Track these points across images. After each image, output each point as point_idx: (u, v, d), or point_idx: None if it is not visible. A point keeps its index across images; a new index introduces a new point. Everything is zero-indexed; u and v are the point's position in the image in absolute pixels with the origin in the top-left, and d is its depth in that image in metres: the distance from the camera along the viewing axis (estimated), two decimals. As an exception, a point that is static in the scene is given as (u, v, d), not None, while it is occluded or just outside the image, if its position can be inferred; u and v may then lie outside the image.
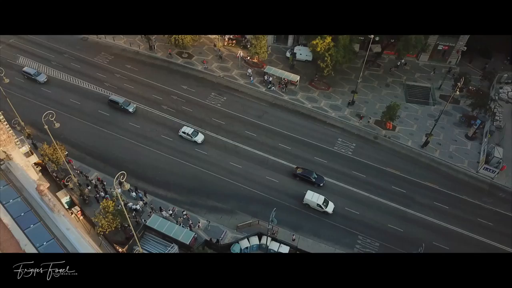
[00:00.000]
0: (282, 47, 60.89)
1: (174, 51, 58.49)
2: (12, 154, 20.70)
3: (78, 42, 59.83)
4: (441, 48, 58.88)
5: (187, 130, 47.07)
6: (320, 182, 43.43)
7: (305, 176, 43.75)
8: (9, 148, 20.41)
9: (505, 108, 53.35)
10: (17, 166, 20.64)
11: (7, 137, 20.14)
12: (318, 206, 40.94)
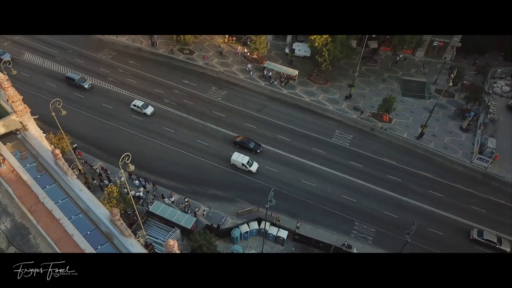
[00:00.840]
0: (281, 43, 63.10)
1: (176, 48, 60.67)
2: (28, 125, 22.70)
3: (81, 39, 62.00)
4: (437, 44, 61.11)
5: (138, 103, 50.94)
6: (257, 149, 47.44)
7: (244, 143, 47.59)
8: (25, 118, 22.39)
9: (498, 102, 55.46)
10: (32, 136, 22.59)
11: (23, 108, 22.14)
12: (243, 165, 44.98)
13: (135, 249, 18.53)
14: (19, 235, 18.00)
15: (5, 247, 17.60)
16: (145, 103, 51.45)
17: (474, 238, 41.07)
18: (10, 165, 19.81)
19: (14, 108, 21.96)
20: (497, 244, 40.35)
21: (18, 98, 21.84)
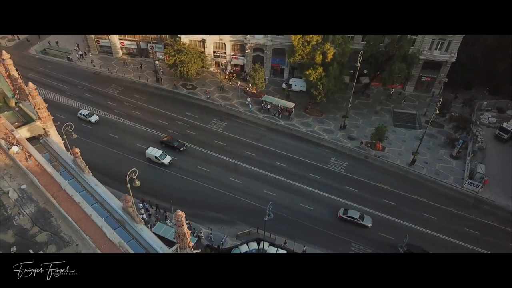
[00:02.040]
0: (278, 79, 67.84)
1: (179, 83, 65.27)
2: (50, 131, 25.63)
3: (91, 76, 66.81)
4: (425, 79, 65.83)
5: (84, 112, 56.53)
6: (180, 147, 52.98)
7: (169, 142, 53.40)
8: (47, 125, 25.38)
9: (486, 131, 58.97)
10: (53, 141, 25.47)
11: (47, 115, 25.21)
12: (156, 158, 50.36)
13: (145, 234, 20.75)
14: (42, 217, 20.38)
15: (30, 227, 19.88)
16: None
17: (340, 216, 45.71)
18: (35, 160, 22.55)
19: (39, 114, 25.10)
20: (359, 220, 45.05)
21: (43, 106, 25.08)
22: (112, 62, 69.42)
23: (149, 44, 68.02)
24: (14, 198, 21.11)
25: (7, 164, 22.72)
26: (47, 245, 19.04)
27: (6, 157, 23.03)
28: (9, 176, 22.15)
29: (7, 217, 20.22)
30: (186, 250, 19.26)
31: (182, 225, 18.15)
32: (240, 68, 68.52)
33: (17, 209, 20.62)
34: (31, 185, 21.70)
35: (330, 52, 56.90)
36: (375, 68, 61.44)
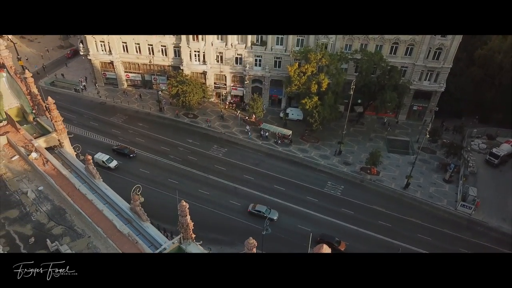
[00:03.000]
0: (276, 109, 71.27)
1: (181, 112, 68.59)
2: (64, 142, 28.11)
3: (96, 106, 70.31)
4: (416, 108, 69.27)
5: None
6: (130, 154, 58.48)
7: (120, 150, 58.74)
8: (62, 136, 27.90)
9: (477, 157, 61.50)
10: (67, 151, 27.90)
11: (62, 127, 27.80)
12: (103, 162, 54.76)
13: (151, 230, 22.75)
14: (57, 214, 22.47)
15: (46, 222, 21.91)
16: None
17: (249, 211, 50.44)
18: (52, 165, 24.92)
19: (55, 126, 27.75)
20: (264, 214, 48.75)
21: (59, 119, 27.79)
22: (117, 93, 73.23)
23: (153, 76, 72.06)
24: (32, 198, 23.30)
25: (25, 169, 25.07)
26: (62, 237, 20.99)
27: (25, 163, 25.41)
28: (27, 179, 24.43)
29: (25, 213, 22.31)
30: (189, 241, 21.14)
31: (186, 215, 20.18)
32: (240, 98, 72.22)
33: (35, 207, 22.75)
34: (48, 186, 23.92)
35: (325, 82, 60.58)
36: (368, 97, 65.00)
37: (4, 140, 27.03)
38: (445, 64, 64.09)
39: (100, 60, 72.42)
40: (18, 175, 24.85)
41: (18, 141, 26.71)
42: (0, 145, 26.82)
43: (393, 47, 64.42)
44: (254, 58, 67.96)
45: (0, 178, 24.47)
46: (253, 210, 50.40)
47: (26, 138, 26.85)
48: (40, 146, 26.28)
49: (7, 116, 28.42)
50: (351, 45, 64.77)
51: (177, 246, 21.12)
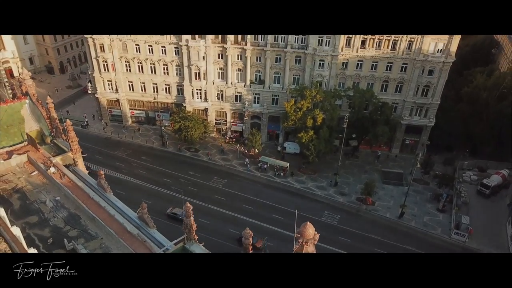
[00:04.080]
0: (274, 143, 74.69)
1: (183, 147, 71.89)
2: (78, 161, 30.95)
3: (102, 141, 73.77)
4: (408, 142, 72.70)
5: None
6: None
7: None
8: (77, 155, 30.81)
9: (469, 188, 64.01)
10: (80, 170, 30.70)
11: (77, 147, 30.78)
12: None
13: (157, 236, 25.13)
14: (73, 219, 24.93)
15: (63, 226, 24.32)
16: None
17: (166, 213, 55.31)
18: (68, 178, 27.68)
19: (71, 146, 30.80)
20: (180, 216, 48.73)
21: (75, 140, 30.92)
22: (122, 129, 76.87)
23: (157, 113, 76.18)
24: (50, 206, 25.84)
25: (44, 182, 27.79)
26: (77, 239, 23.29)
27: (43, 177, 28.19)
28: (46, 191, 27.09)
29: (44, 219, 24.76)
30: (192, 242, 23.40)
31: (190, 216, 22.61)
32: (239, 133, 75.88)
33: (52, 213, 25.25)
34: (64, 197, 26.53)
35: (320, 117, 64.42)
36: (362, 132, 68.62)
37: (24, 158, 29.97)
38: (433, 100, 68.37)
39: (107, 98, 76.89)
40: (37, 188, 27.51)
41: (38, 159, 29.63)
42: (21, 162, 29.71)
43: (383, 84, 69.02)
44: (253, 96, 72.43)
45: (21, 189, 27.12)
46: (170, 212, 55.35)
47: (45, 156, 29.80)
48: (58, 162, 29.18)
49: (28, 137, 31.56)
50: (344, 83, 69.43)
51: (181, 246, 23.36)
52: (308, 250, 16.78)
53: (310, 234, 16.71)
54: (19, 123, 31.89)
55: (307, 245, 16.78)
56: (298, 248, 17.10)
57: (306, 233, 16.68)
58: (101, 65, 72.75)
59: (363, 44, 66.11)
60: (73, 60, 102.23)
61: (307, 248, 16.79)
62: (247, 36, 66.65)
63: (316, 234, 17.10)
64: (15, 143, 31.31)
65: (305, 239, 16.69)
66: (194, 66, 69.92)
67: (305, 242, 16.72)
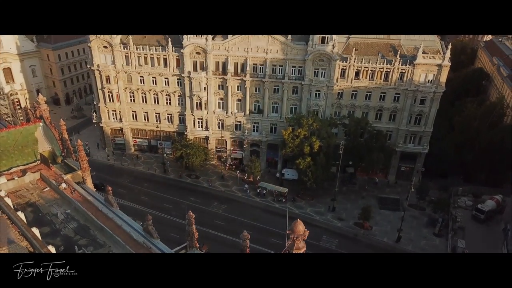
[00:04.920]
0: (272, 170, 76.82)
1: (184, 173, 73.95)
2: (87, 179, 33.06)
3: (105, 168, 75.87)
4: (404, 169, 74.83)
5: None
6: None
7: None
8: (86, 174, 32.96)
9: (464, 213, 65.51)
10: (89, 187, 32.76)
11: (87, 166, 32.99)
12: None
13: (161, 246, 26.91)
14: (82, 230, 26.79)
15: (73, 236, 26.14)
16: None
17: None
18: (78, 193, 29.75)
19: (81, 165, 33.06)
20: None
21: (85, 159, 33.21)
22: (124, 157, 79.25)
23: (159, 141, 78.84)
24: (61, 218, 27.77)
25: (55, 197, 29.85)
26: (86, 247, 25.04)
27: (55, 193, 30.27)
28: (57, 205, 29.08)
29: (56, 230, 26.62)
30: (194, 249, 25.09)
31: (192, 224, 24.41)
32: (239, 161, 78.19)
33: (64, 225, 27.14)
34: (74, 210, 28.51)
35: (316, 144, 66.93)
36: (358, 159, 70.91)
37: (37, 176, 32.16)
38: (426, 128, 71.23)
39: (111, 127, 79.83)
40: (49, 202, 29.48)
41: (50, 176, 31.80)
42: (34, 179, 31.89)
43: (378, 113, 72.12)
44: (252, 125, 75.38)
45: (34, 203, 29.11)
46: None
47: (56, 174, 31.98)
48: (68, 179, 31.32)
49: (41, 156, 33.89)
50: (340, 112, 72.53)
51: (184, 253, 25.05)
52: (299, 245, 18.59)
53: (300, 230, 18.58)
54: (33, 144, 34.31)
55: (298, 241, 18.60)
56: (290, 243, 18.91)
57: (297, 229, 18.57)
58: (107, 95, 76.19)
59: (357, 75, 69.75)
60: (78, 92, 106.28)
61: (298, 243, 18.61)
62: (246, 68, 70.45)
63: (306, 231, 18.93)
64: (29, 162, 33.62)
65: (296, 235, 18.55)
66: (196, 97, 73.31)
67: (296, 237, 18.56)
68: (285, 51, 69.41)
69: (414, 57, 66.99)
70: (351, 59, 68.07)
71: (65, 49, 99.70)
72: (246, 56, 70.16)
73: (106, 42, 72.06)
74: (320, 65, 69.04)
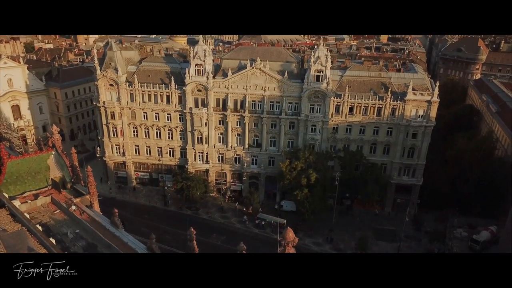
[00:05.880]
0: (271, 202, 78.74)
1: (185, 206, 75.86)
2: (94, 203, 35.33)
3: (107, 201, 76.91)
4: (399, 201, 76.77)
5: None
6: None
7: None
8: (93, 198, 35.28)
9: (460, 244, 66.69)
10: (96, 210, 35.01)
11: (95, 191, 35.40)
12: None
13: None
14: (91, 248, 28.84)
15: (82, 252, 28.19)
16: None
17: None
18: (86, 214, 32.03)
19: (89, 190, 35.51)
20: None
21: (94, 184, 35.69)
22: (126, 190, 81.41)
23: (160, 175, 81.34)
24: (71, 237, 29.83)
25: (65, 219, 32.10)
26: (94, 262, 27.00)
27: (65, 215, 32.51)
28: (67, 225, 31.26)
29: (65, 247, 28.62)
30: (195, 264, 27.00)
31: (193, 240, 26.46)
32: (238, 193, 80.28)
33: (73, 243, 29.19)
34: (83, 230, 30.67)
35: (313, 176, 69.35)
36: (354, 190, 73.12)
37: (48, 200, 34.52)
38: (419, 161, 74.00)
39: (114, 161, 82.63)
40: (59, 223, 31.62)
41: (60, 200, 34.17)
42: (46, 203, 34.24)
43: (372, 146, 75.20)
44: (251, 158, 78.25)
45: (45, 224, 31.26)
46: None
47: (66, 197, 34.38)
48: (78, 202, 33.67)
49: (52, 182, 36.42)
50: (335, 145, 75.61)
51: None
52: (290, 251, 20.72)
53: (291, 237, 20.80)
54: (45, 171, 36.91)
55: (289, 247, 20.77)
56: (281, 250, 21.07)
57: (287, 236, 20.80)
58: (111, 130, 79.63)
59: (351, 110, 73.47)
60: (83, 128, 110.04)
61: (289, 249, 20.76)
62: (245, 104, 74.32)
63: (296, 238, 21.11)
64: (41, 187, 36.06)
65: (286, 241, 20.75)
66: (197, 131, 76.71)
67: (286, 244, 20.75)
68: (282, 89, 73.55)
69: (405, 94, 70.98)
70: (345, 96, 72.03)
71: (72, 87, 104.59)
72: (245, 93, 74.23)
73: (112, 81, 76.43)
74: (315, 101, 72.97)
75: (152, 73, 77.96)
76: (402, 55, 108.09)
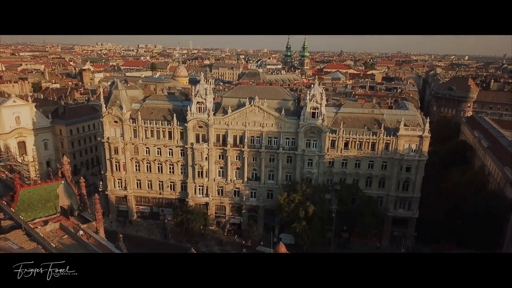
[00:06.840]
0: (270, 235, 79.59)
1: (184, 239, 77.02)
2: (100, 230, 37.25)
3: (108, 234, 78.17)
4: (396, 233, 78.00)
5: None
6: None
7: None
8: (99, 225, 37.26)
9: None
10: (101, 236, 36.93)
11: (101, 218, 37.44)
12: None
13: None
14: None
15: (89, 273, 30.01)
16: None
17: None
18: (93, 239, 34.03)
19: (96, 216, 37.65)
20: None
21: (100, 211, 37.87)
22: (127, 223, 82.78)
23: (161, 208, 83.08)
24: (78, 259, 31.72)
25: (73, 243, 34.00)
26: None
27: (72, 239, 34.46)
28: (74, 249, 33.09)
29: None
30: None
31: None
32: (237, 226, 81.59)
33: (80, 264, 31.03)
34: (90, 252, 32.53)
35: (311, 209, 71.19)
36: (351, 223, 74.63)
37: (57, 226, 36.53)
38: (414, 194, 76.08)
39: (116, 195, 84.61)
40: (68, 247, 33.49)
41: (68, 226, 36.20)
42: (54, 229, 36.24)
43: (367, 180, 77.50)
44: (250, 191, 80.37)
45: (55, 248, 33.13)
46: None
47: (74, 223, 36.46)
48: (85, 227, 35.70)
49: (61, 209, 38.59)
50: (332, 179, 77.93)
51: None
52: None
53: (282, 252, 22.90)
54: (54, 199, 39.16)
55: (282, 260, 22.86)
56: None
57: (279, 250, 22.92)
58: (114, 165, 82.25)
59: (346, 145, 76.48)
60: (85, 163, 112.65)
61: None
62: (244, 140, 77.47)
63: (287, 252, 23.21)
64: (50, 214, 38.17)
65: (279, 255, 22.88)
66: (197, 166, 79.34)
67: (280, 257, 22.86)
68: (279, 125, 76.99)
69: (397, 129, 74.24)
70: (340, 131, 75.28)
71: (76, 124, 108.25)
72: (244, 129, 77.58)
73: (117, 117, 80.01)
74: (311, 137, 76.17)
75: (155, 110, 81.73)
76: (395, 93, 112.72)
